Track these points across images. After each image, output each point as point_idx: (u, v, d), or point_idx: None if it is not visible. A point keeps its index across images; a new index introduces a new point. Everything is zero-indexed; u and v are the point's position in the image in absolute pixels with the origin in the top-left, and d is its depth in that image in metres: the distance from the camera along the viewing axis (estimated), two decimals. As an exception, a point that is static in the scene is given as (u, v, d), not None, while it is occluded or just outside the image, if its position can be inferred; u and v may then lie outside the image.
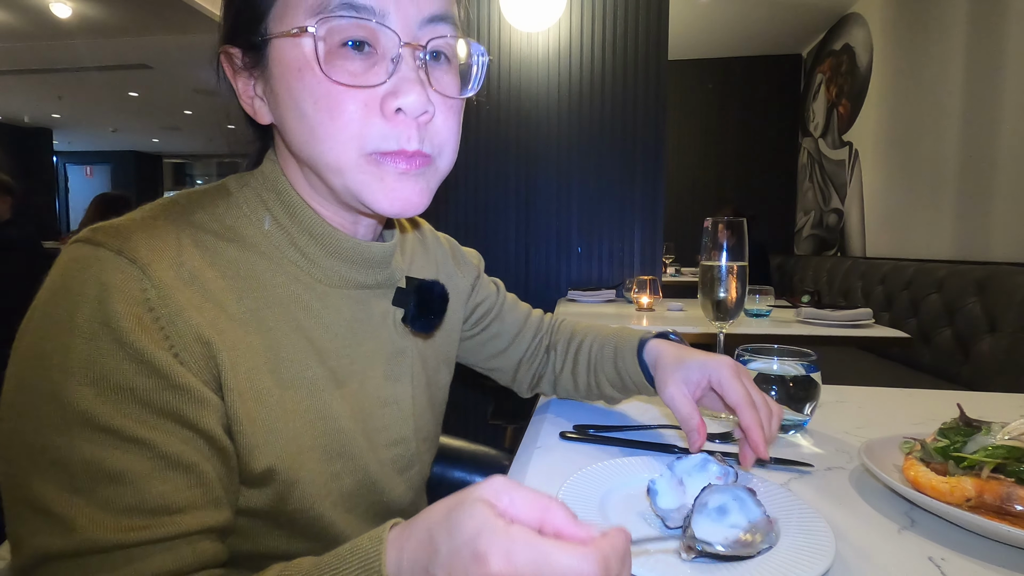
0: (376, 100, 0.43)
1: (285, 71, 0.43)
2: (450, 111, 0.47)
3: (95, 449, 0.36)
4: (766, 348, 0.73)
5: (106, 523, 0.35)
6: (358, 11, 0.41)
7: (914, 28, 3.22)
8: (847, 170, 4.06)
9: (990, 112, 2.55)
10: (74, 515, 0.35)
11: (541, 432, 0.71)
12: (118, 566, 0.35)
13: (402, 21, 0.43)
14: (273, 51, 0.44)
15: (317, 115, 0.43)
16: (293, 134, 0.45)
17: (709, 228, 0.77)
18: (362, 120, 0.43)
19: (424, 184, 0.47)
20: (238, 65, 0.48)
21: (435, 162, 0.48)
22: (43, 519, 0.35)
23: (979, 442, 0.50)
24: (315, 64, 0.42)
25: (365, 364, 0.54)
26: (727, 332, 0.82)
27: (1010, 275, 2.06)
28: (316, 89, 0.42)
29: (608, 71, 2.51)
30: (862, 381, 2.01)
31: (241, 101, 0.49)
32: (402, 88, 0.43)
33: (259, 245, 0.48)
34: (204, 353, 0.40)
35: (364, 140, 0.43)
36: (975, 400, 0.85)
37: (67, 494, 0.35)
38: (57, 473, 0.35)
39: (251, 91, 0.48)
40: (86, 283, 0.38)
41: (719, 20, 4.39)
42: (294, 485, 0.46)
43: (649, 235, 2.54)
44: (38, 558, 0.35)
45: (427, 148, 0.46)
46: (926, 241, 3.04)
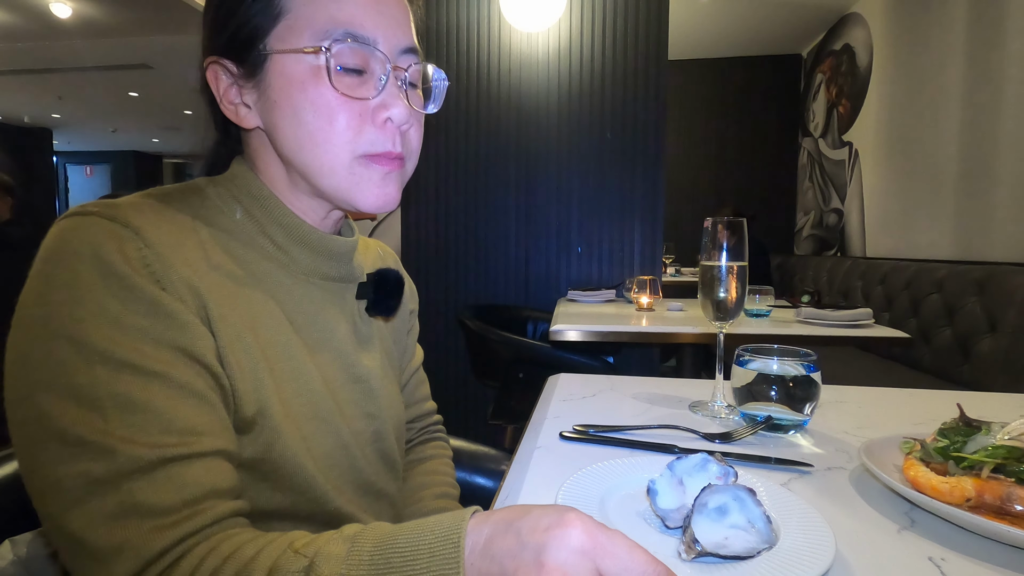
0: (368, 111, 0.52)
1: (287, 83, 0.50)
2: (419, 124, 0.58)
3: (119, 383, 0.39)
4: (766, 348, 0.73)
5: (142, 444, 0.38)
6: (358, 39, 0.50)
7: (914, 28, 3.22)
8: (847, 170, 4.06)
9: (990, 112, 2.55)
10: (111, 441, 0.38)
11: (541, 432, 0.71)
12: (159, 482, 0.38)
13: (388, 49, 0.52)
14: (274, 65, 0.51)
15: (316, 122, 0.50)
16: (288, 138, 0.52)
17: (709, 228, 0.77)
18: (356, 127, 0.51)
19: (399, 184, 0.56)
20: (229, 75, 0.53)
21: (405, 165, 0.57)
22: (80, 450, 0.37)
23: (979, 442, 0.50)
24: (322, 78, 0.50)
25: (336, 343, 0.59)
26: (727, 332, 0.82)
27: (1010, 275, 2.06)
28: (317, 99, 0.50)
29: (608, 71, 2.51)
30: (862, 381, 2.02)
31: (222, 107, 0.54)
32: (390, 102, 0.52)
33: (232, 232, 0.53)
34: (196, 301, 0.45)
35: (356, 144, 0.52)
36: (975, 400, 0.85)
37: (100, 424, 0.38)
38: (86, 409, 0.38)
39: (237, 98, 0.54)
40: (83, 243, 0.42)
41: (719, 20, 4.39)
42: (278, 435, 0.49)
43: (649, 235, 2.54)
44: (83, 485, 0.37)
45: (404, 152, 0.55)
46: (926, 241, 3.04)
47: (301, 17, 0.50)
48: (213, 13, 0.53)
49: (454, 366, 2.64)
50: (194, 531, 0.38)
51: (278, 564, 0.36)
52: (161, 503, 0.38)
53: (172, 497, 0.38)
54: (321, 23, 0.50)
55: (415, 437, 0.85)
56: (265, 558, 0.37)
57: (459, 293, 2.66)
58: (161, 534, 0.37)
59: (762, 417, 0.70)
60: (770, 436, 0.70)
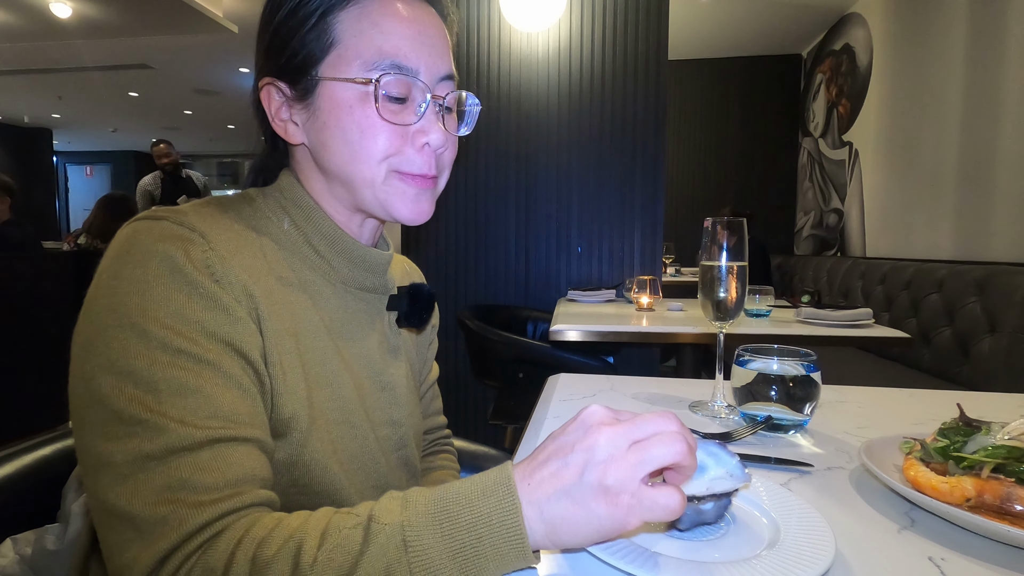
0: (408, 135, 0.56)
1: (336, 107, 0.55)
2: (453, 146, 0.62)
3: (174, 368, 0.42)
4: (766, 348, 0.73)
5: (191, 425, 0.41)
6: (403, 71, 0.55)
7: (914, 28, 3.22)
8: (847, 170, 4.06)
9: (990, 112, 2.55)
10: (163, 421, 0.41)
11: (541, 432, 0.71)
12: (204, 461, 0.41)
13: (428, 78, 0.57)
14: (325, 90, 0.55)
15: (362, 141, 0.55)
16: (335, 154, 0.56)
17: (709, 228, 0.77)
18: (398, 148, 0.56)
19: (432, 199, 0.61)
20: (281, 95, 0.58)
21: (437, 183, 0.61)
22: (134, 428, 0.40)
23: (979, 442, 0.50)
24: (369, 104, 0.54)
25: (366, 351, 0.63)
26: (727, 332, 0.82)
27: (1010, 275, 2.06)
28: (363, 122, 0.55)
29: (608, 71, 2.51)
30: (862, 381, 2.02)
31: (273, 123, 0.59)
32: (429, 129, 0.57)
33: (280, 241, 0.58)
34: (249, 303, 0.49)
35: (394, 161, 0.56)
36: (975, 400, 0.85)
37: (155, 404, 0.41)
38: (143, 390, 0.41)
39: (287, 115, 0.58)
40: (154, 242, 0.46)
41: (719, 20, 4.39)
42: (308, 438, 0.52)
43: (649, 235, 2.54)
44: (134, 460, 0.40)
45: (436, 172, 0.60)
46: (926, 241, 3.04)
47: (351, 48, 0.54)
48: (269, 39, 0.58)
49: (454, 366, 2.64)
50: (235, 509, 0.41)
51: (332, 523, 0.38)
52: (205, 481, 0.40)
53: (215, 476, 0.41)
54: (370, 54, 0.54)
55: (426, 448, 0.87)
56: (315, 522, 0.39)
57: (459, 293, 2.66)
58: (203, 509, 0.39)
59: (762, 417, 0.70)
60: (770, 436, 0.70)
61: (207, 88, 7.36)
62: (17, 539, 0.60)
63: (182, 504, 0.39)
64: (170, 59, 6.08)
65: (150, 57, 6.02)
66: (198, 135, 10.81)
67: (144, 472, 0.39)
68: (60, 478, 0.66)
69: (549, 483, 0.37)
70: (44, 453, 0.68)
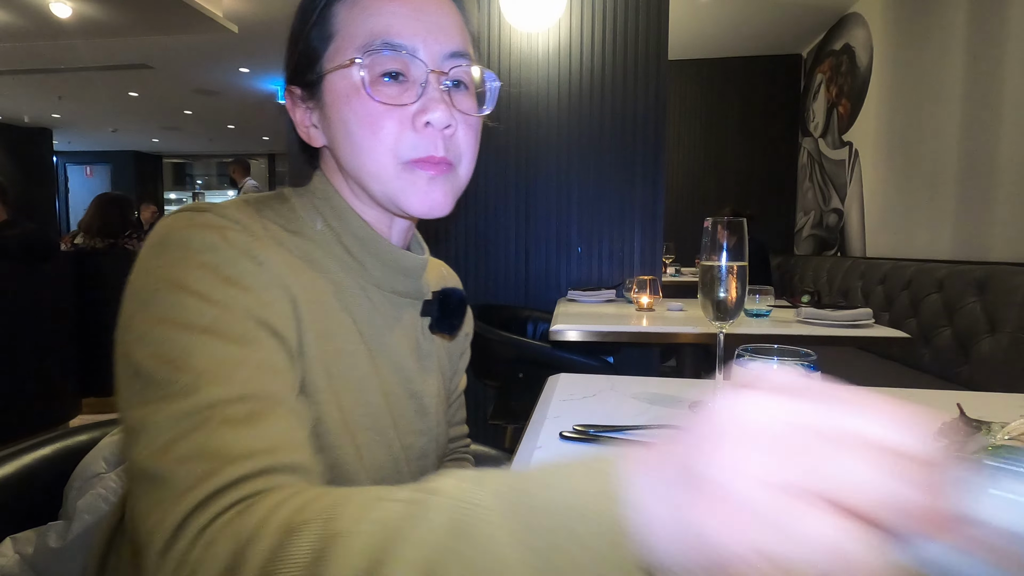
0: (408, 117, 0.53)
1: (336, 99, 0.54)
2: (469, 127, 0.57)
3: (214, 343, 0.41)
4: (766, 348, 0.73)
5: (227, 386, 0.40)
6: (395, 48, 0.52)
7: (914, 28, 3.22)
8: (847, 170, 4.06)
9: (990, 112, 2.55)
10: (199, 383, 0.40)
11: (541, 432, 0.71)
12: (239, 420, 0.39)
13: (429, 56, 0.54)
14: (327, 84, 0.55)
15: (361, 132, 0.53)
16: (342, 150, 0.55)
17: (709, 228, 0.77)
18: (397, 133, 0.53)
19: (448, 188, 0.56)
20: (298, 100, 0.58)
21: (456, 169, 0.57)
22: (170, 389, 0.39)
23: (979, 442, 0.50)
24: (361, 88, 0.52)
25: (397, 357, 0.61)
26: (727, 332, 0.82)
27: (1010, 275, 2.06)
28: (360, 110, 0.53)
29: (608, 71, 2.51)
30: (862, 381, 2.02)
31: (299, 130, 0.59)
32: (430, 106, 0.53)
33: (314, 241, 0.56)
34: (287, 295, 0.49)
35: (399, 150, 0.53)
36: (975, 400, 0.85)
37: (189, 368, 0.40)
38: (180, 362, 0.40)
39: (308, 121, 0.58)
40: (195, 228, 0.46)
41: (719, 20, 4.39)
42: (333, 442, 0.51)
43: (649, 235, 2.54)
44: (169, 420, 0.39)
45: (451, 156, 0.56)
46: (926, 241, 3.04)
47: (346, 36, 0.53)
48: (288, 47, 0.59)
49: (454, 366, 2.64)
50: (270, 468, 0.38)
51: (384, 493, 0.32)
52: (240, 439, 0.38)
53: (251, 436, 0.39)
54: (362, 38, 0.53)
55: (445, 455, 0.85)
56: (367, 491, 0.33)
57: (459, 293, 2.65)
58: (237, 465, 0.37)
59: (762, 417, 0.70)
60: (770, 436, 0.70)
61: (207, 88, 7.36)
62: (17, 538, 0.60)
63: (216, 460, 0.37)
64: (170, 59, 6.08)
65: (150, 57, 6.02)
66: (198, 135, 10.81)
67: (179, 432, 0.38)
68: (60, 478, 0.66)
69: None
70: (44, 453, 0.68)
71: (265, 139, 11.13)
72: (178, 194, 14.26)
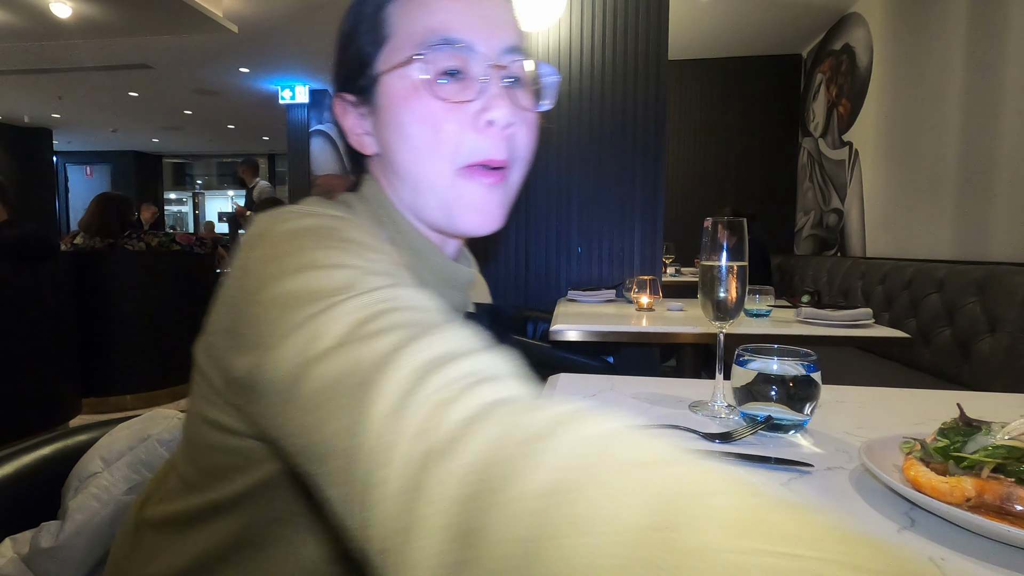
0: (469, 116, 0.51)
1: (392, 101, 0.52)
2: (528, 126, 0.55)
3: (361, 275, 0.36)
4: (766, 348, 0.73)
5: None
6: (453, 44, 0.50)
7: (914, 28, 3.22)
8: (847, 170, 4.06)
9: (990, 112, 2.55)
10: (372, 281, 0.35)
11: (541, 432, 0.71)
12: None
13: (487, 50, 0.51)
14: (382, 87, 0.53)
15: (421, 134, 0.51)
16: (399, 155, 0.53)
17: (709, 228, 0.77)
18: (458, 133, 0.51)
19: (504, 200, 0.55)
20: (349, 107, 0.56)
21: (510, 176, 0.55)
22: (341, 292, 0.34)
23: (979, 442, 0.50)
24: (420, 87, 0.50)
25: None
26: (727, 332, 0.82)
27: (1010, 275, 2.06)
28: (420, 111, 0.50)
29: (608, 71, 2.51)
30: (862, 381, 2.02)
31: (350, 138, 0.57)
32: (492, 103, 0.50)
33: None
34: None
35: (459, 153, 0.51)
36: (975, 400, 0.85)
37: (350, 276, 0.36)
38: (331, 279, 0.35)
39: (359, 128, 0.56)
40: (297, 218, 0.41)
41: (719, 20, 4.39)
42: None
43: (649, 235, 2.54)
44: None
45: (509, 158, 0.53)
46: (926, 241, 3.04)
47: (402, 36, 0.52)
48: (336, 55, 0.57)
49: (454, 366, 2.64)
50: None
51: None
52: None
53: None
54: (419, 36, 0.51)
55: None
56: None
57: (459, 293, 2.66)
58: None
59: (762, 417, 0.70)
60: (770, 436, 0.70)
61: (207, 88, 7.36)
62: (16, 539, 0.60)
63: (418, 327, 0.32)
64: (170, 59, 6.08)
65: (150, 57, 6.02)
66: (198, 135, 10.81)
67: (369, 314, 0.32)
68: (59, 478, 0.66)
69: None
70: (44, 453, 0.68)
71: (265, 139, 11.13)
72: (178, 194, 14.27)
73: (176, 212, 14.35)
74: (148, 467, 0.63)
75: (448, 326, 0.33)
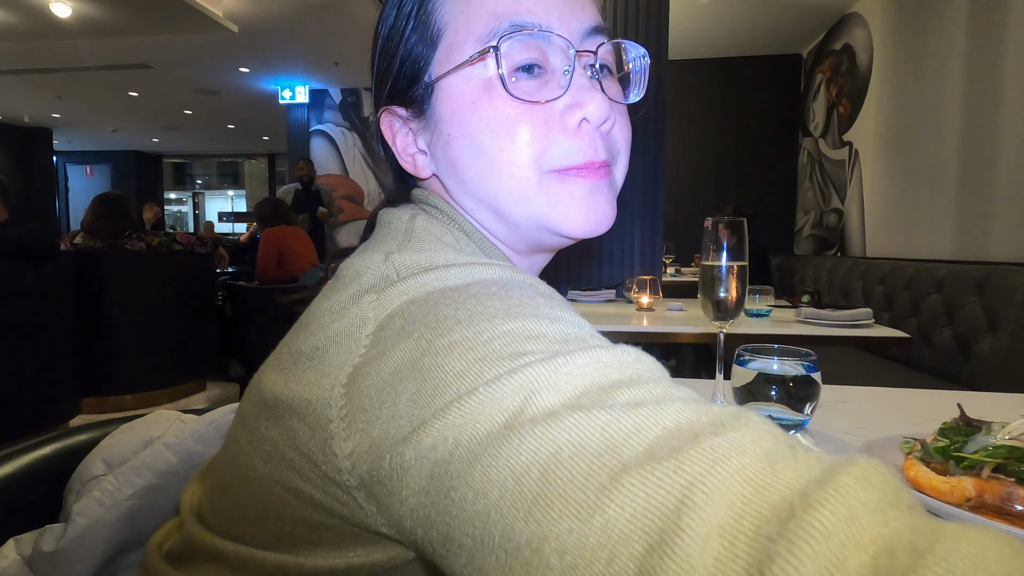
0: (555, 116, 0.42)
1: (457, 109, 0.43)
2: (624, 118, 0.47)
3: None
4: (766, 348, 0.73)
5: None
6: (526, 30, 0.41)
7: (914, 28, 3.22)
8: (847, 170, 4.06)
9: (990, 112, 2.55)
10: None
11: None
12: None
13: (568, 34, 0.42)
14: (440, 93, 0.44)
15: (496, 143, 0.41)
16: (470, 172, 0.43)
17: (709, 228, 0.77)
18: (544, 139, 0.42)
19: (610, 197, 0.45)
20: (399, 123, 0.47)
21: (613, 172, 0.46)
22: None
23: (979, 442, 0.50)
24: (495, 88, 0.41)
25: None
26: (727, 332, 0.82)
27: (1010, 275, 2.06)
28: (492, 117, 0.41)
29: (608, 71, 2.51)
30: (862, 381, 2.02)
31: (401, 161, 0.48)
32: (582, 98, 0.41)
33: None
34: None
35: (546, 158, 0.42)
36: (975, 400, 0.85)
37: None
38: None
39: (412, 147, 0.47)
40: (460, 268, 0.35)
41: (719, 20, 4.39)
42: None
43: (649, 235, 2.54)
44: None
45: (609, 157, 0.44)
46: (926, 241, 3.04)
47: (460, 28, 0.42)
48: (377, 63, 0.48)
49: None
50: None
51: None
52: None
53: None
54: (483, 25, 0.41)
55: None
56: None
57: (459, 293, 2.66)
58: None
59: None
60: (770, 436, 0.70)
61: (207, 88, 7.36)
62: (20, 539, 0.60)
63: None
64: (170, 59, 6.08)
65: (150, 57, 6.02)
66: (198, 135, 10.81)
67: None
68: (60, 478, 0.66)
69: None
70: (44, 453, 0.68)
71: (265, 139, 11.13)
72: (178, 194, 14.28)
73: (176, 212, 14.35)
74: (154, 471, 0.63)
75: (750, 419, 0.24)
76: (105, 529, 0.60)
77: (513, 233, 0.46)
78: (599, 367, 0.27)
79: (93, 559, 0.59)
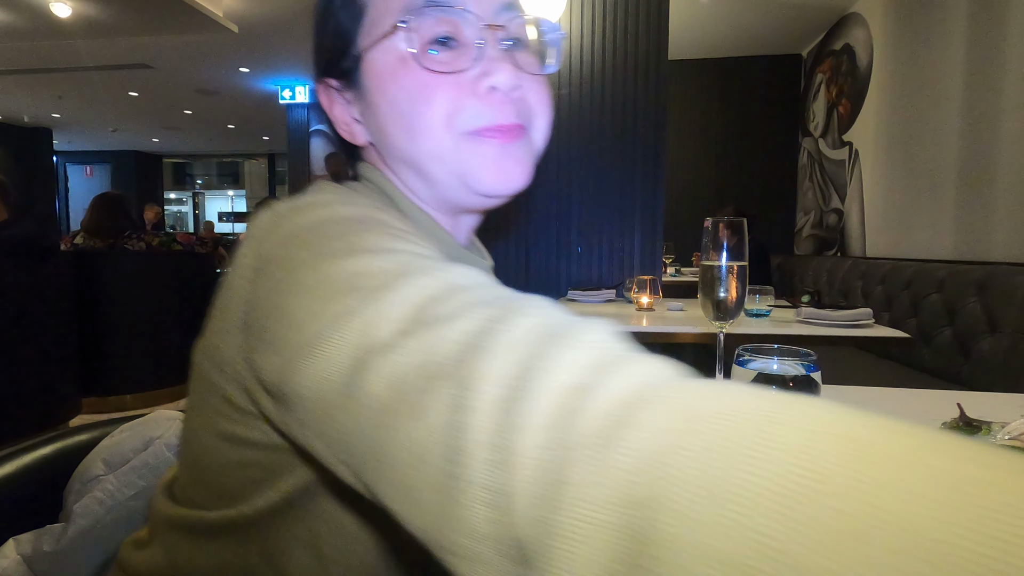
0: (468, 84, 0.45)
1: (379, 78, 0.46)
2: (537, 85, 0.49)
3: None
4: (766, 348, 0.73)
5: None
6: (440, 6, 0.44)
7: (914, 28, 3.22)
8: (847, 170, 4.06)
9: (990, 112, 2.55)
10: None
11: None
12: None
13: (480, 10, 0.45)
14: (366, 66, 0.47)
15: (414, 108, 0.45)
16: (394, 137, 0.47)
17: (709, 228, 0.77)
18: (456, 101, 0.45)
19: (525, 156, 0.48)
20: (335, 95, 0.51)
21: (529, 134, 0.49)
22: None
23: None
24: (408, 59, 0.44)
25: None
26: (727, 332, 0.82)
27: (1010, 275, 2.06)
28: (410, 84, 0.45)
29: (608, 71, 2.51)
30: (862, 381, 2.02)
31: (339, 129, 0.52)
32: (492, 68, 0.45)
33: None
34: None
35: (459, 120, 0.45)
36: (975, 400, 0.85)
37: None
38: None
39: (348, 116, 0.51)
40: (324, 205, 0.38)
41: (719, 20, 4.39)
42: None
43: (649, 235, 2.54)
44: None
45: (523, 120, 0.48)
46: (926, 241, 3.04)
47: (380, 5, 0.46)
48: (314, 37, 0.51)
49: (454, 366, 2.64)
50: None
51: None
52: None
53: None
54: (400, 2, 0.45)
55: None
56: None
57: (459, 293, 2.66)
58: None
59: (762, 417, 0.70)
60: (770, 436, 0.70)
61: (207, 88, 7.36)
62: (20, 539, 0.60)
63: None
64: (170, 59, 6.08)
65: (150, 57, 6.02)
66: (198, 135, 10.82)
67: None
68: (60, 478, 0.66)
69: None
70: (44, 453, 0.68)
71: (265, 139, 11.14)
72: (178, 194, 14.28)
73: (176, 212, 14.35)
74: (155, 472, 0.63)
75: (536, 303, 0.28)
76: (105, 529, 0.60)
77: (439, 194, 0.49)
78: (423, 290, 0.29)
79: (93, 559, 0.59)
